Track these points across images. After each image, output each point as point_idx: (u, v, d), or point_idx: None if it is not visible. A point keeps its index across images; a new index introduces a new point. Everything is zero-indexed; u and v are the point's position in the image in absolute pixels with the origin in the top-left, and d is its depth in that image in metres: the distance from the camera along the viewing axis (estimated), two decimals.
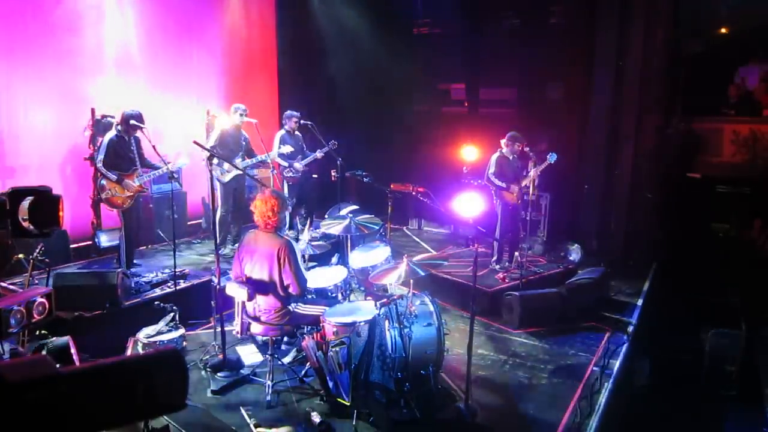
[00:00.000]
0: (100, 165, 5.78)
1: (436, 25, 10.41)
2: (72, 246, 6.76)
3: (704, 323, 6.32)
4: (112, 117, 6.47)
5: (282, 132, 7.52)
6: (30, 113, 6.59)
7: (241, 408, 4.15)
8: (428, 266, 4.45)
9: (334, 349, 3.94)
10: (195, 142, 5.08)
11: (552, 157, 6.66)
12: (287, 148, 7.15)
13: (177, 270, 5.84)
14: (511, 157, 6.77)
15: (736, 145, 8.82)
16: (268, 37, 9.87)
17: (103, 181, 5.84)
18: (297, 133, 7.61)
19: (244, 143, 6.93)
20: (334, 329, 4.11)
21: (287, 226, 7.47)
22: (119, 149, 5.85)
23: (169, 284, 5.78)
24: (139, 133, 5.97)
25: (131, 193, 5.93)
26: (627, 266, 7.84)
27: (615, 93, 8.04)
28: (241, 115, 6.82)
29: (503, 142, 6.77)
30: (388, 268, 4.44)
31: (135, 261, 6.43)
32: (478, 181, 8.11)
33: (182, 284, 5.87)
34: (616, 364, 5.02)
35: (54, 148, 6.85)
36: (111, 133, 5.89)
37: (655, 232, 8.21)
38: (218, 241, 5.30)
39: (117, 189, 5.86)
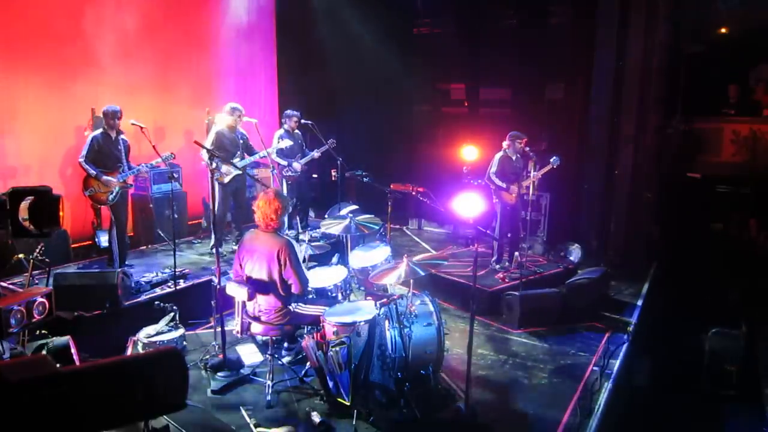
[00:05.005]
0: (81, 160, 5.85)
1: (436, 25, 10.41)
2: (72, 246, 6.76)
3: (704, 323, 6.32)
4: None
5: (281, 131, 7.50)
6: (30, 113, 6.59)
7: (241, 408, 4.15)
8: (428, 266, 4.44)
9: (334, 349, 3.93)
10: (195, 142, 5.08)
11: (555, 161, 6.70)
12: (285, 142, 7.14)
13: (177, 270, 5.84)
14: (514, 158, 6.78)
15: (736, 145, 8.82)
16: (268, 36, 9.87)
17: (88, 178, 5.91)
18: (297, 131, 7.59)
19: (242, 142, 6.89)
20: (334, 329, 4.11)
21: (287, 226, 7.48)
22: (103, 146, 5.92)
23: (169, 284, 5.78)
24: (139, 133, 5.98)
25: (115, 189, 5.97)
26: (627, 266, 7.84)
27: (615, 93, 8.04)
28: (239, 116, 6.80)
29: (505, 143, 6.79)
30: (388, 268, 4.43)
31: (127, 262, 6.43)
32: (478, 181, 8.11)
33: (182, 284, 5.87)
34: (616, 364, 5.03)
35: (54, 148, 6.85)
36: (96, 131, 5.99)
37: (655, 232, 8.21)
38: (215, 242, 5.31)
39: (98, 185, 5.90)
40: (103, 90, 7.17)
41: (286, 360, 4.79)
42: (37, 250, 4.37)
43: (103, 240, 6.81)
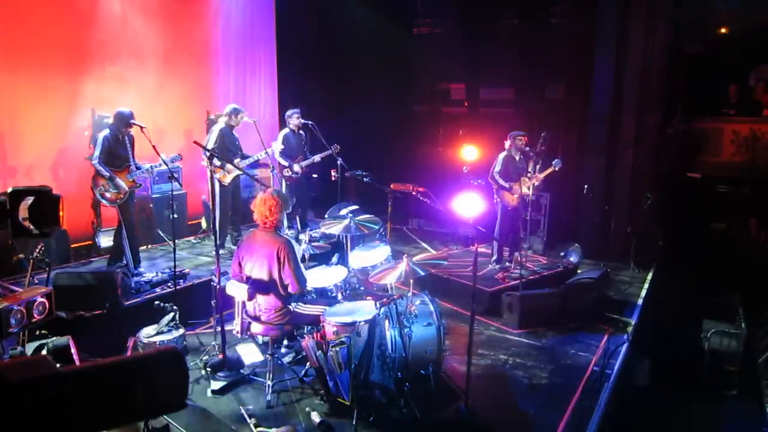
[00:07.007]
0: (95, 162, 5.82)
1: (436, 25, 10.43)
2: (72, 246, 6.75)
3: (704, 323, 6.33)
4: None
5: (286, 130, 7.48)
6: (30, 113, 6.58)
7: (241, 408, 4.15)
8: (428, 266, 4.44)
9: (334, 349, 3.93)
10: (195, 143, 5.08)
11: (557, 164, 6.72)
12: (278, 145, 7.23)
13: (177, 270, 5.84)
14: (517, 157, 6.79)
15: (736, 145, 8.83)
16: (268, 36, 9.86)
17: (97, 178, 5.88)
18: (301, 132, 7.58)
19: (238, 143, 6.94)
20: (334, 329, 4.10)
21: (287, 226, 7.47)
22: (114, 147, 5.90)
23: (169, 284, 5.77)
24: (139, 133, 5.98)
25: (125, 189, 5.97)
26: (627, 266, 7.84)
27: (615, 93, 8.04)
28: (241, 117, 6.83)
29: (507, 143, 6.80)
30: (388, 268, 4.43)
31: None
32: (478, 181, 8.11)
33: (182, 284, 5.87)
34: (616, 364, 5.02)
35: (54, 148, 6.85)
36: (105, 132, 5.94)
37: (655, 232, 8.21)
38: (218, 242, 5.30)
39: (108, 185, 5.90)
40: (104, 90, 7.17)
41: (286, 360, 4.79)
42: (37, 250, 4.36)
43: (104, 240, 6.80)
